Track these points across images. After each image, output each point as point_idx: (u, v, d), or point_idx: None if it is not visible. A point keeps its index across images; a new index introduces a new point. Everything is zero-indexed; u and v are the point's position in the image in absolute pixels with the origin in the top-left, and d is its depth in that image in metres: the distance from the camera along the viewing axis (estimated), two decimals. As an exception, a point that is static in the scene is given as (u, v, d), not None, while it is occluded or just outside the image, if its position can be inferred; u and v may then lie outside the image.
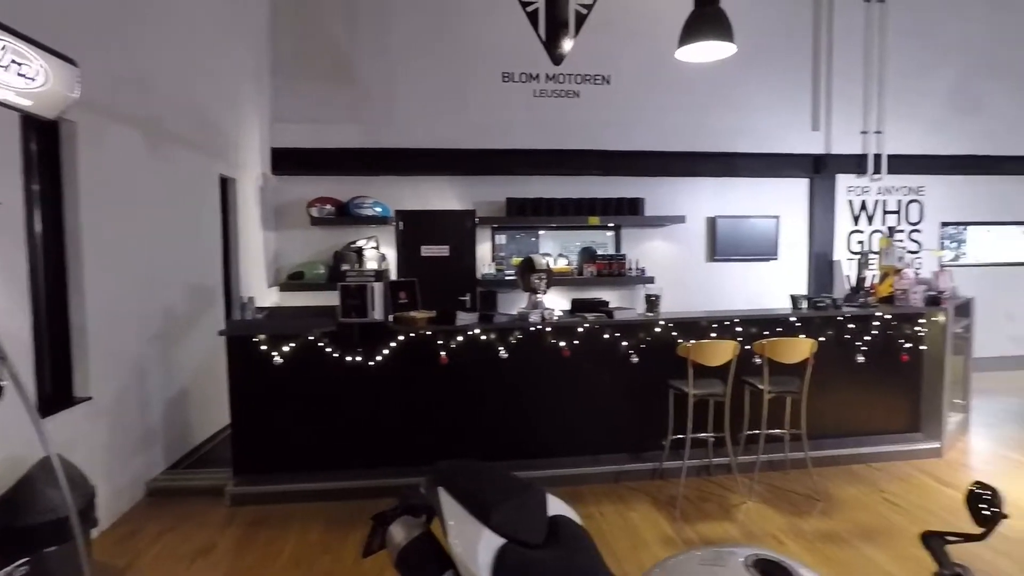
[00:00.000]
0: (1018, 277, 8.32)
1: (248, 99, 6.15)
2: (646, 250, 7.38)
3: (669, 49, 4.55)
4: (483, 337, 4.12)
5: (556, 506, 1.75)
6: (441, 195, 7.11)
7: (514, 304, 5.70)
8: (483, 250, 7.14)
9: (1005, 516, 1.27)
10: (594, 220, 6.91)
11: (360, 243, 6.71)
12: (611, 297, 7.14)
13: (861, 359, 4.49)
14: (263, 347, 3.92)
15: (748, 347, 4.08)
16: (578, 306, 4.50)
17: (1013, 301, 8.23)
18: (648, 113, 7.23)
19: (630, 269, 6.99)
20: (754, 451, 4.17)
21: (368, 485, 3.95)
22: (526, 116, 7.04)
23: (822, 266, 7.62)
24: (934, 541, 1.30)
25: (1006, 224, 8.33)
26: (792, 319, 4.40)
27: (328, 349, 3.98)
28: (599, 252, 7.08)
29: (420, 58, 6.88)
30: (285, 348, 3.92)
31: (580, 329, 4.20)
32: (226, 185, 5.56)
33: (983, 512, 1.30)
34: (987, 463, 4.57)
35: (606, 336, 4.25)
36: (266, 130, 6.62)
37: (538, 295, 4.29)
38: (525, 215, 6.91)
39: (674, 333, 4.27)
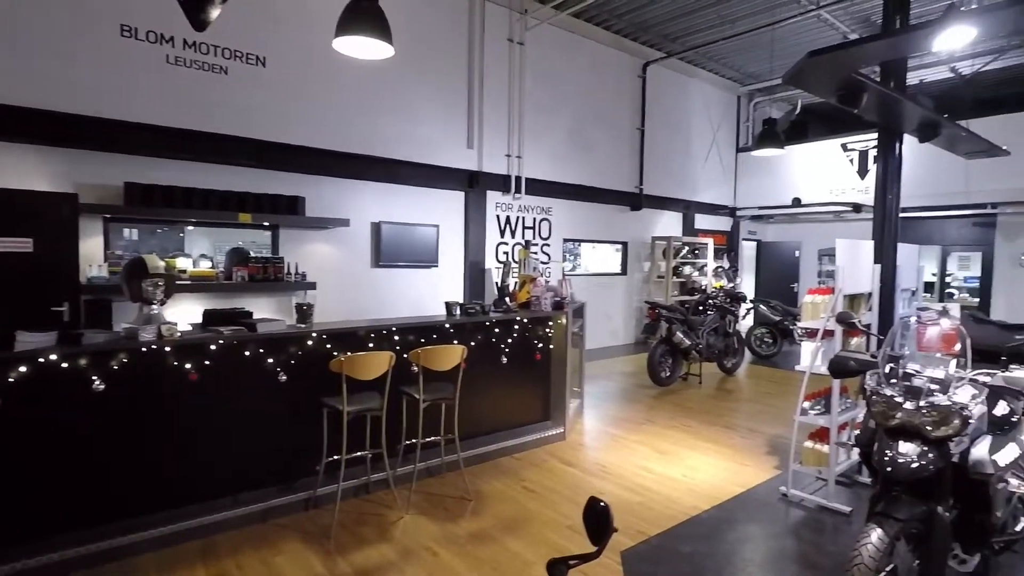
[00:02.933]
0: (614, 284, 10.58)
1: None
2: (308, 254, 6.83)
3: (332, 41, 4.17)
4: (65, 365, 3.04)
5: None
6: (21, 169, 5.25)
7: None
8: (91, 246, 5.55)
9: (615, 530, 1.29)
10: (245, 217, 6.04)
11: None
12: (267, 306, 6.40)
13: (505, 360, 4.89)
14: None
15: (406, 356, 4.00)
16: (212, 318, 3.74)
17: (610, 303, 10.43)
18: (312, 107, 6.72)
19: (289, 274, 6.35)
20: (412, 461, 4.11)
21: None
22: (155, 84, 5.75)
23: (476, 274, 8.30)
24: (556, 570, 1.24)
25: (606, 242, 10.52)
26: (447, 326, 4.52)
27: None
28: (253, 254, 6.24)
29: (-16, -23, 4.95)
30: None
31: (213, 347, 3.48)
32: None
33: (597, 529, 1.29)
34: (597, 440, 5.50)
35: (247, 353, 3.62)
36: None
37: (154, 306, 3.39)
38: (153, 205, 5.62)
39: (329, 345, 3.90)
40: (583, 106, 9.61)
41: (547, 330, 5.22)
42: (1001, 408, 2.54)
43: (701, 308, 7.95)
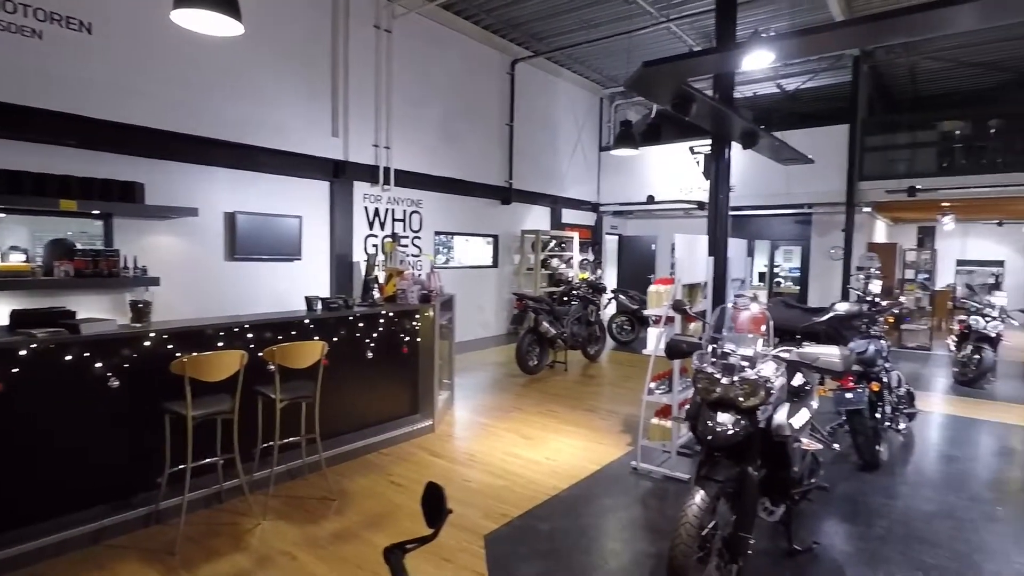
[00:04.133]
0: (486, 277, 10.76)
1: None
2: (150, 246, 6.19)
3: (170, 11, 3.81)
4: None
5: None
6: None
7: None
8: None
9: (450, 511, 1.34)
10: (69, 204, 5.33)
11: None
12: (100, 305, 5.72)
13: (370, 355, 4.81)
14: None
15: (261, 354, 3.79)
16: (22, 319, 3.28)
17: (483, 295, 10.61)
18: (153, 83, 6.08)
19: (126, 268, 5.72)
20: (270, 465, 3.92)
21: None
22: (-58, 46, 4.87)
23: (343, 267, 8.04)
24: (393, 555, 1.28)
25: (477, 235, 10.67)
26: (307, 321, 4.34)
27: None
28: (80, 246, 5.53)
29: None
30: None
31: (23, 352, 3.05)
32: None
33: (434, 512, 1.34)
34: (467, 430, 5.59)
35: (70, 358, 3.23)
36: None
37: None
38: (-58, 189, 4.78)
39: (171, 346, 3.59)
40: (454, 100, 9.64)
41: (414, 323, 5.21)
42: (798, 379, 2.98)
43: (566, 299, 8.35)
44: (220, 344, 3.83)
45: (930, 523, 3.76)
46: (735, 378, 2.63)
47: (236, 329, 3.95)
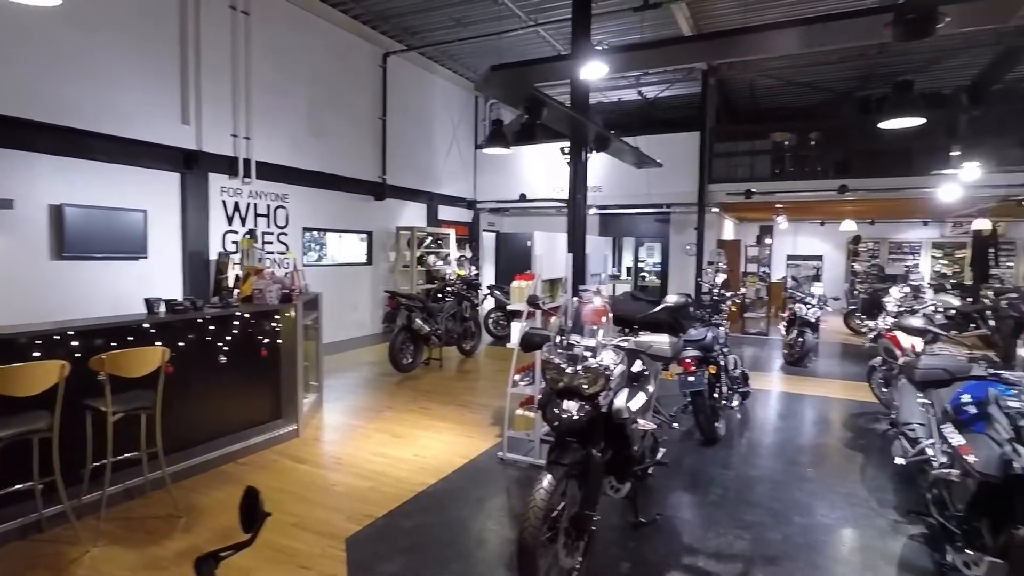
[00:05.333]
0: (361, 274, 10.47)
1: None
2: (-52, 243, 5.32)
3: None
4: None
5: None
6: None
7: None
8: None
9: (268, 514, 1.32)
10: None
11: None
12: None
13: (224, 359, 4.51)
14: None
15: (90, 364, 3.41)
16: None
17: (357, 293, 10.32)
18: (-57, 53, 5.21)
19: (-84, 270, 4.87)
20: (102, 485, 3.55)
21: None
22: None
23: (198, 266, 7.43)
24: (204, 565, 1.23)
25: (350, 232, 10.35)
26: (146, 326, 3.98)
27: None
28: None
29: None
30: None
31: None
32: None
33: (250, 516, 1.31)
34: (334, 432, 5.43)
35: None
36: None
37: None
38: None
39: (-31, 359, 3.12)
40: (322, 90, 9.25)
41: (274, 325, 4.96)
42: (637, 366, 3.26)
43: (440, 296, 8.37)
44: (37, 354, 3.39)
45: (755, 487, 4.27)
46: (579, 367, 2.81)
47: (58, 337, 3.52)
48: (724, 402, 5.34)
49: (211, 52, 7.48)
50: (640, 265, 15.98)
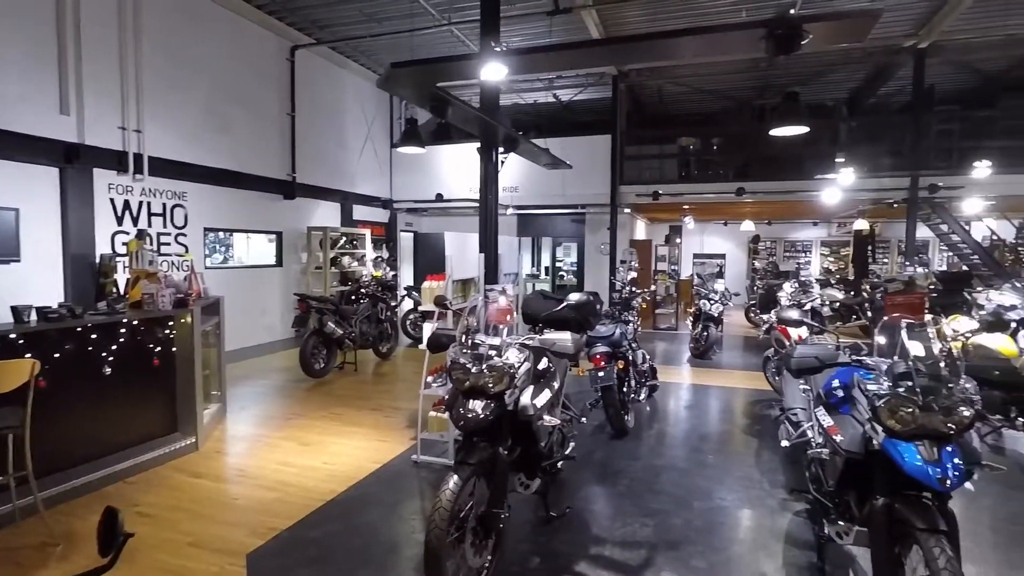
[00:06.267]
0: (270, 277, 10.01)
1: None
2: None
3: None
4: None
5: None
6: None
7: None
8: None
9: (130, 535, 1.23)
10: None
11: None
12: None
13: (109, 371, 4.17)
14: None
15: (-61, 381, 3.04)
16: None
17: (267, 297, 9.85)
18: None
19: None
20: (-41, 515, 3.18)
21: None
22: None
23: (82, 270, 6.81)
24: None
25: (258, 232, 9.87)
26: (13, 336, 3.60)
27: None
28: None
29: None
30: None
31: None
32: None
33: (108, 539, 1.22)
34: (238, 444, 5.15)
35: None
36: None
37: None
38: None
39: None
40: (224, 83, 8.75)
41: (167, 332, 4.63)
42: (543, 363, 3.32)
43: (354, 298, 8.15)
44: None
45: (660, 476, 4.47)
46: (484, 367, 2.82)
47: (-102, 351, 3.11)
48: (633, 395, 5.55)
49: (94, 37, 6.88)
50: (558, 265, 16.30)
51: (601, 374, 4.97)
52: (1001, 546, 3.49)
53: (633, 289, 6.82)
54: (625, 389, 5.38)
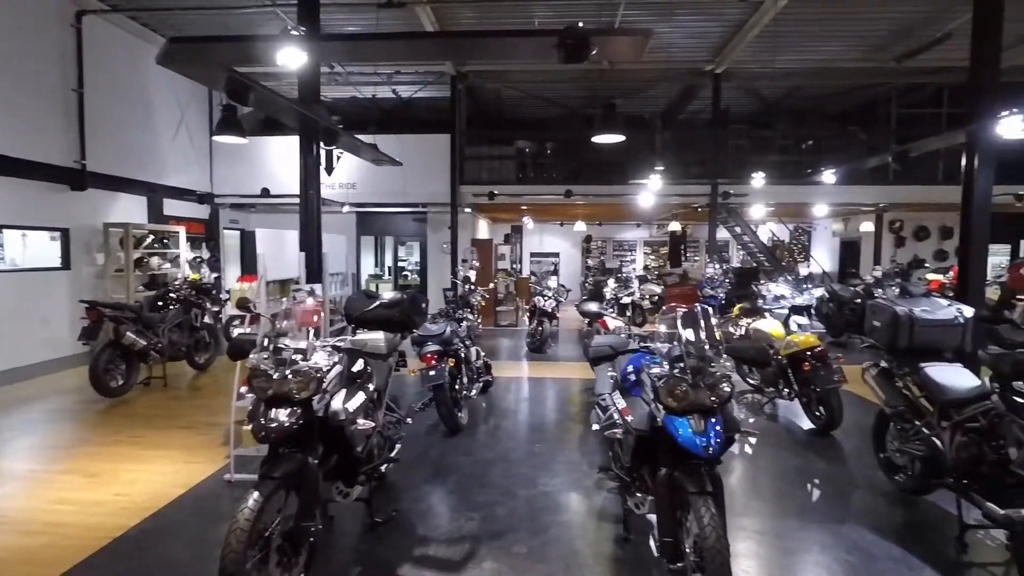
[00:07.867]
0: (54, 282, 8.52)
1: None
2: None
3: None
4: None
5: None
6: None
7: None
8: None
9: None
10: None
11: None
12: None
13: None
14: None
15: None
16: None
17: (50, 305, 8.36)
18: None
19: None
20: None
21: None
22: None
23: None
24: None
25: (38, 229, 8.36)
26: None
27: None
28: None
29: None
30: None
31: None
32: None
33: None
34: (1, 484, 4.30)
35: None
36: None
37: None
38: None
39: None
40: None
41: None
42: (358, 365, 3.20)
43: (161, 304, 7.25)
44: None
45: (490, 469, 4.56)
46: (288, 372, 2.64)
47: None
48: (466, 392, 5.61)
49: None
50: (401, 264, 16.05)
51: (432, 373, 4.95)
52: (770, 499, 4.08)
53: (471, 287, 6.91)
54: (457, 387, 5.41)
